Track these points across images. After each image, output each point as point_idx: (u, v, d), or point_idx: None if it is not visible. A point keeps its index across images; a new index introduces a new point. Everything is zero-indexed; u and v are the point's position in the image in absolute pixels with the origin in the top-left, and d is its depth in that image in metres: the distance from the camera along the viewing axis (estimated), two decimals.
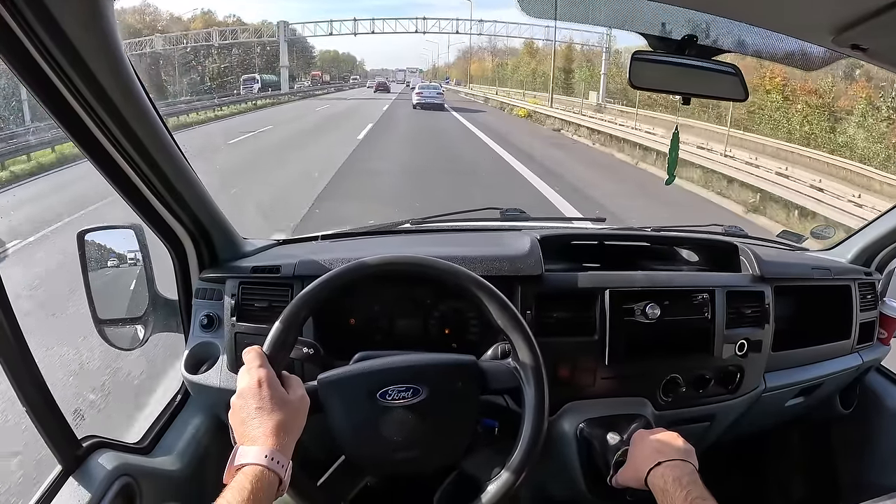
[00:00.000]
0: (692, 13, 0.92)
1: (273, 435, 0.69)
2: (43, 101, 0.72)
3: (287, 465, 0.68)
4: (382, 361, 0.83)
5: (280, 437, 0.69)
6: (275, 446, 0.68)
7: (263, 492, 0.64)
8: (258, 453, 0.67)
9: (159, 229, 1.03)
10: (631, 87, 0.95)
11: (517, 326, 0.84)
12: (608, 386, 1.11)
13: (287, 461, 0.69)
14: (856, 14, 0.75)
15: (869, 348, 1.43)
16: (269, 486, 0.65)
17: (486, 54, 47.58)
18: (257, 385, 0.72)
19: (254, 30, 39.81)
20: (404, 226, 1.39)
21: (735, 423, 1.27)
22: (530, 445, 0.81)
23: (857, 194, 7.69)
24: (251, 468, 0.65)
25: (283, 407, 0.72)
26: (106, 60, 0.71)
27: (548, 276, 1.10)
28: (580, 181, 8.84)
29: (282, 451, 0.68)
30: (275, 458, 0.67)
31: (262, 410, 0.71)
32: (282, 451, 0.68)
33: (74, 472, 0.84)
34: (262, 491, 0.64)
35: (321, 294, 0.83)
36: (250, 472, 0.65)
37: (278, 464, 0.67)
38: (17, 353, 0.75)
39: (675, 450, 0.81)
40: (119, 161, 0.84)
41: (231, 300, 1.08)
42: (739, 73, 1.01)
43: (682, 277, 1.21)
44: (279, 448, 0.68)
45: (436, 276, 0.87)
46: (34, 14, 0.61)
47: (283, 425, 0.70)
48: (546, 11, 0.93)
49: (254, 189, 7.35)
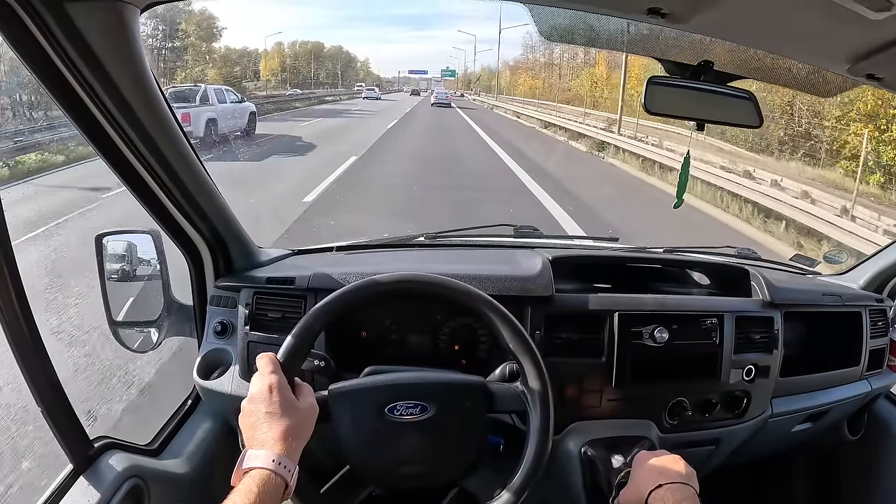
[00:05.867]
0: (709, 39, 0.92)
1: (281, 440, 0.70)
2: (66, 109, 0.74)
3: (294, 470, 0.69)
4: (393, 377, 0.85)
5: (288, 442, 0.70)
6: (282, 451, 0.69)
7: (269, 495, 0.65)
8: (266, 457, 0.68)
9: (177, 237, 1.06)
10: (646, 111, 0.95)
11: (527, 351, 0.85)
12: (614, 407, 1.11)
13: (294, 466, 0.70)
14: (870, 45, 0.75)
15: (878, 375, 1.42)
16: (275, 490, 0.66)
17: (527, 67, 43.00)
18: (268, 390, 0.74)
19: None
20: (418, 240, 1.40)
21: (741, 447, 1.27)
22: (532, 468, 0.82)
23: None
24: (258, 472, 0.67)
25: (293, 413, 0.73)
26: (129, 72, 0.73)
27: (558, 298, 1.11)
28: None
29: (289, 456, 0.69)
30: (282, 463, 0.68)
31: (272, 415, 0.72)
32: (289, 455, 0.70)
33: (85, 472, 0.86)
34: (268, 494, 0.65)
35: (335, 309, 0.84)
36: (257, 476, 0.66)
37: (285, 468, 0.68)
38: (34, 353, 0.77)
39: (677, 473, 0.81)
40: (140, 170, 0.87)
41: (245, 309, 1.10)
42: (754, 98, 1.01)
43: (691, 302, 1.21)
44: (286, 453, 0.69)
45: (449, 295, 0.88)
46: (59, 26, 0.63)
47: (291, 431, 0.71)
48: (566, 36, 0.94)
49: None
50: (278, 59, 45.55)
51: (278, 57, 45.76)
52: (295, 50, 49.48)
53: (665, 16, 0.75)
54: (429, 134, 16.72)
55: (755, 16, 0.76)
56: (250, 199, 6.24)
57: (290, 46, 49.29)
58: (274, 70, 44.05)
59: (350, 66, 59.73)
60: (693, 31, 0.84)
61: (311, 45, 51.41)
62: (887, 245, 1.47)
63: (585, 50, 29.14)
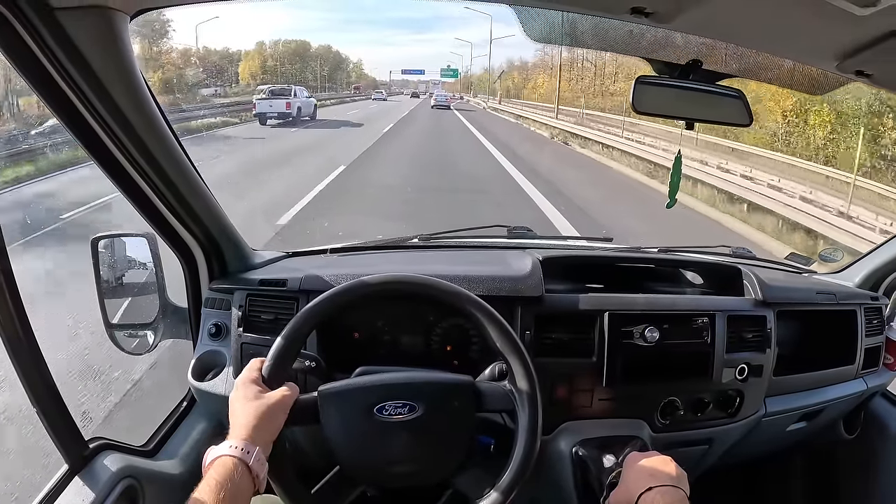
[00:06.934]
0: (698, 38, 0.92)
1: (243, 427, 0.73)
2: (59, 114, 0.75)
3: (254, 452, 0.70)
4: (381, 377, 0.85)
5: (250, 428, 0.73)
6: (244, 437, 0.72)
7: (232, 481, 0.67)
8: (226, 445, 0.71)
9: (171, 240, 1.07)
10: (634, 111, 0.95)
11: (515, 352, 0.85)
12: (605, 407, 1.11)
13: (256, 449, 0.71)
14: (858, 41, 0.75)
15: (874, 374, 1.41)
16: (236, 474, 0.68)
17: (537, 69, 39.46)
18: (238, 386, 0.79)
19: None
20: (412, 241, 1.40)
21: (734, 447, 1.26)
22: (521, 468, 0.82)
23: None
24: (219, 460, 0.70)
25: (259, 402, 0.76)
26: (120, 78, 0.74)
27: (548, 298, 1.11)
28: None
29: (252, 442, 0.71)
30: (242, 448, 0.70)
31: (239, 407, 0.76)
32: (252, 441, 0.72)
33: (80, 472, 0.87)
34: (230, 480, 0.67)
35: (324, 310, 0.85)
36: (218, 464, 0.69)
37: (246, 452, 0.70)
38: (29, 354, 0.78)
39: (668, 475, 0.81)
40: (133, 174, 0.88)
41: (238, 311, 1.11)
42: (744, 97, 1.01)
43: (682, 301, 1.21)
44: (248, 438, 0.72)
45: (437, 296, 0.89)
46: (50, 33, 0.65)
47: (254, 418, 0.74)
48: (552, 37, 0.95)
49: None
50: (259, 59, 43.41)
51: (259, 58, 43.54)
52: (277, 50, 46.89)
53: (649, 15, 0.75)
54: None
55: (741, 13, 0.77)
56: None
57: (273, 46, 46.75)
58: (254, 72, 41.90)
59: (340, 68, 57.15)
60: (678, 31, 0.84)
61: (294, 45, 48.91)
62: (883, 243, 1.46)
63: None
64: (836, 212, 7.76)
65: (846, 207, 7.85)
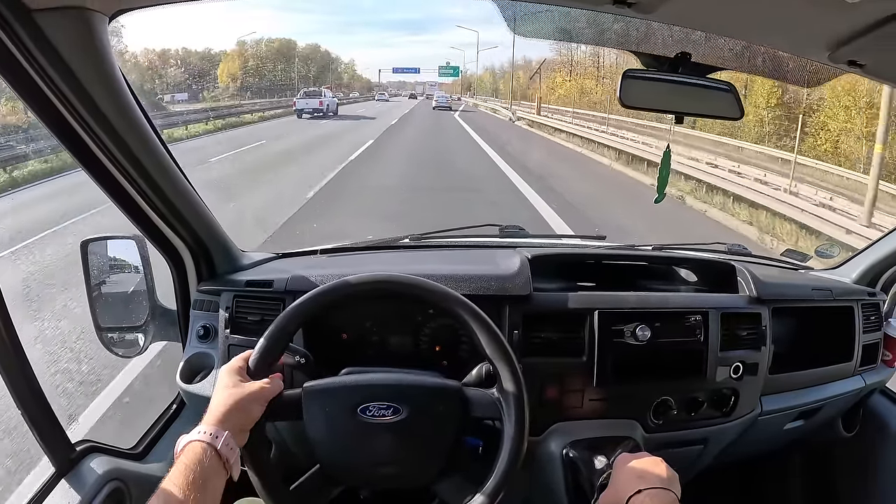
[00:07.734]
0: (686, 30, 0.91)
1: (213, 413, 0.74)
2: (42, 117, 0.75)
3: (223, 437, 0.71)
4: (367, 377, 0.84)
5: (220, 414, 0.73)
6: (212, 422, 0.72)
7: (201, 464, 0.68)
8: (196, 431, 0.72)
9: (159, 243, 1.06)
10: (622, 105, 0.94)
11: (503, 355, 0.83)
12: (596, 407, 1.09)
13: (225, 434, 0.71)
14: (849, 30, 0.74)
15: (872, 370, 1.39)
16: (205, 458, 0.69)
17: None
18: (225, 370, 0.80)
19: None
20: (403, 241, 1.39)
21: (730, 446, 1.25)
22: (505, 472, 0.80)
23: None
24: (189, 445, 0.70)
25: (234, 390, 0.77)
26: (100, 79, 0.73)
27: (536, 297, 1.09)
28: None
29: (222, 427, 0.72)
30: (209, 432, 0.71)
31: (218, 390, 0.77)
32: (222, 426, 0.72)
33: (66, 475, 0.86)
34: (198, 464, 0.68)
35: (307, 310, 0.84)
36: (188, 449, 0.70)
37: (215, 437, 0.71)
38: (14, 357, 0.77)
39: (658, 477, 0.79)
40: (118, 177, 0.87)
41: (226, 313, 1.10)
42: (734, 90, 1.00)
43: (675, 298, 1.19)
44: (218, 423, 0.72)
45: (423, 296, 0.87)
46: (29, 35, 0.64)
47: (227, 404, 0.75)
48: (538, 32, 0.94)
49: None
50: (239, 60, 39.57)
51: (239, 59, 39.79)
52: (260, 50, 42.98)
53: (632, 5, 0.74)
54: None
55: (726, 2, 0.76)
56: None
57: (255, 45, 42.85)
58: (233, 74, 38.19)
59: (328, 69, 53.47)
60: (663, 21, 0.83)
61: (278, 44, 45.00)
62: (880, 238, 1.45)
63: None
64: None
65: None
